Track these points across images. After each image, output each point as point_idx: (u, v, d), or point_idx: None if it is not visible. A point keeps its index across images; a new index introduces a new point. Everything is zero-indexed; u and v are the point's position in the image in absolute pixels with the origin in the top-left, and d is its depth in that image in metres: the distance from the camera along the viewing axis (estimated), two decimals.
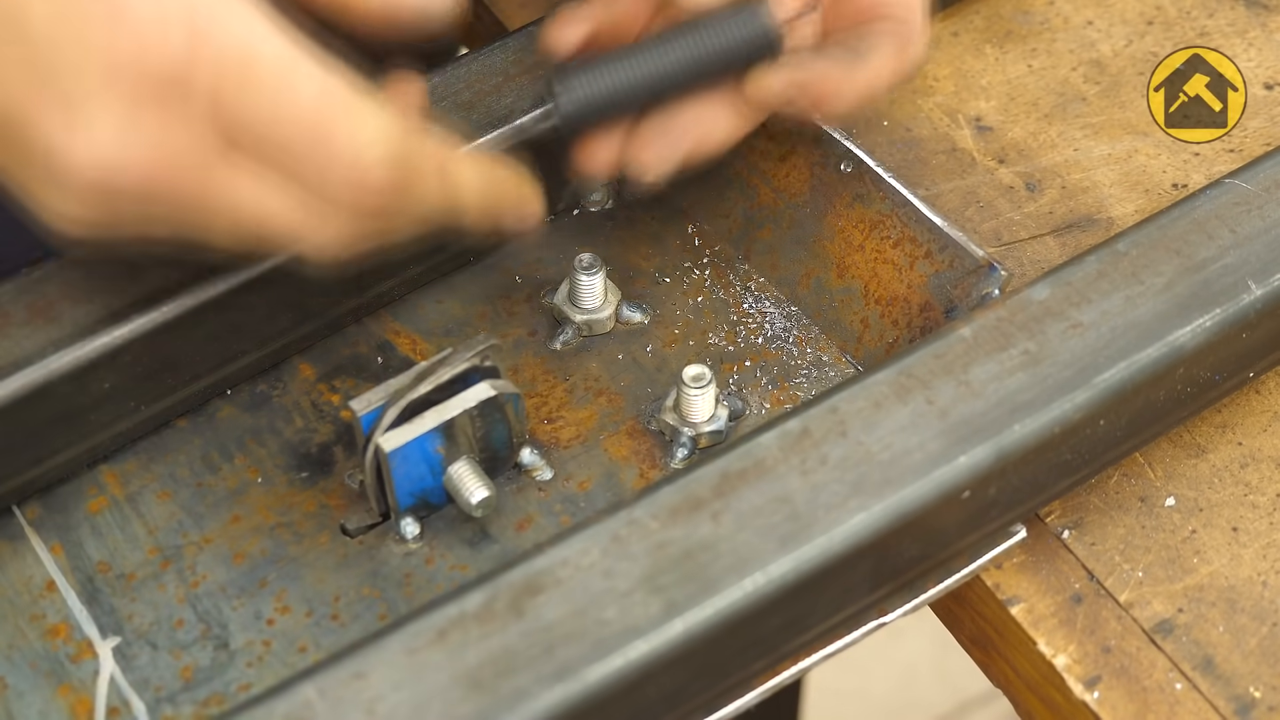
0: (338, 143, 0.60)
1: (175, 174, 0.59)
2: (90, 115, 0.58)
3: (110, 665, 0.68)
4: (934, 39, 0.89)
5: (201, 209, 0.60)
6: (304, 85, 0.59)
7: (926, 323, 0.75)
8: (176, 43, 0.58)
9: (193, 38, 0.58)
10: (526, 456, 0.74)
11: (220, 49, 0.58)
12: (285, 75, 0.59)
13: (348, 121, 0.60)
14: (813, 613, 0.66)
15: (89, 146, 0.58)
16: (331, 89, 0.60)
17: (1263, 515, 0.73)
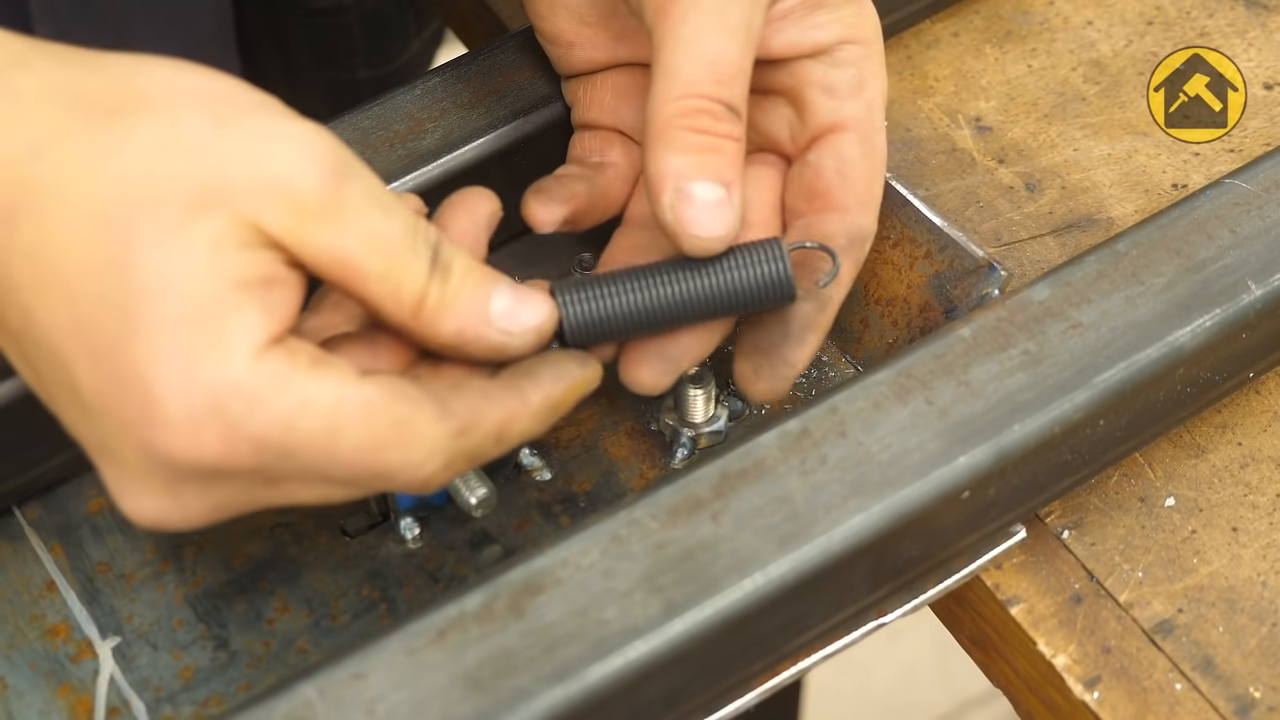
0: (395, 475, 0.60)
1: (231, 512, 0.60)
2: (135, 484, 0.58)
3: (110, 665, 0.68)
4: (934, 39, 0.89)
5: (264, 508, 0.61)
6: (349, 434, 0.58)
7: (926, 323, 0.75)
8: (210, 441, 0.57)
9: (226, 432, 0.57)
10: (526, 456, 0.74)
11: (257, 435, 0.57)
12: (328, 433, 0.58)
13: (400, 452, 0.59)
14: (812, 613, 0.66)
15: (138, 508, 0.59)
16: (378, 424, 0.58)
17: (1263, 515, 0.73)
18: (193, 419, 0.56)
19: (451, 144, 0.76)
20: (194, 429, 0.56)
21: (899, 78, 0.87)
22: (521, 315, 0.62)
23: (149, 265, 0.56)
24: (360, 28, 1.12)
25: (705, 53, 0.65)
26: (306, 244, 0.58)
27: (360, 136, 0.77)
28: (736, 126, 0.65)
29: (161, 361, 0.56)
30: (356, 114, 0.77)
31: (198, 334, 0.56)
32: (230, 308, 0.56)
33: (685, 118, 0.64)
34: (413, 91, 0.78)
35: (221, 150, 0.57)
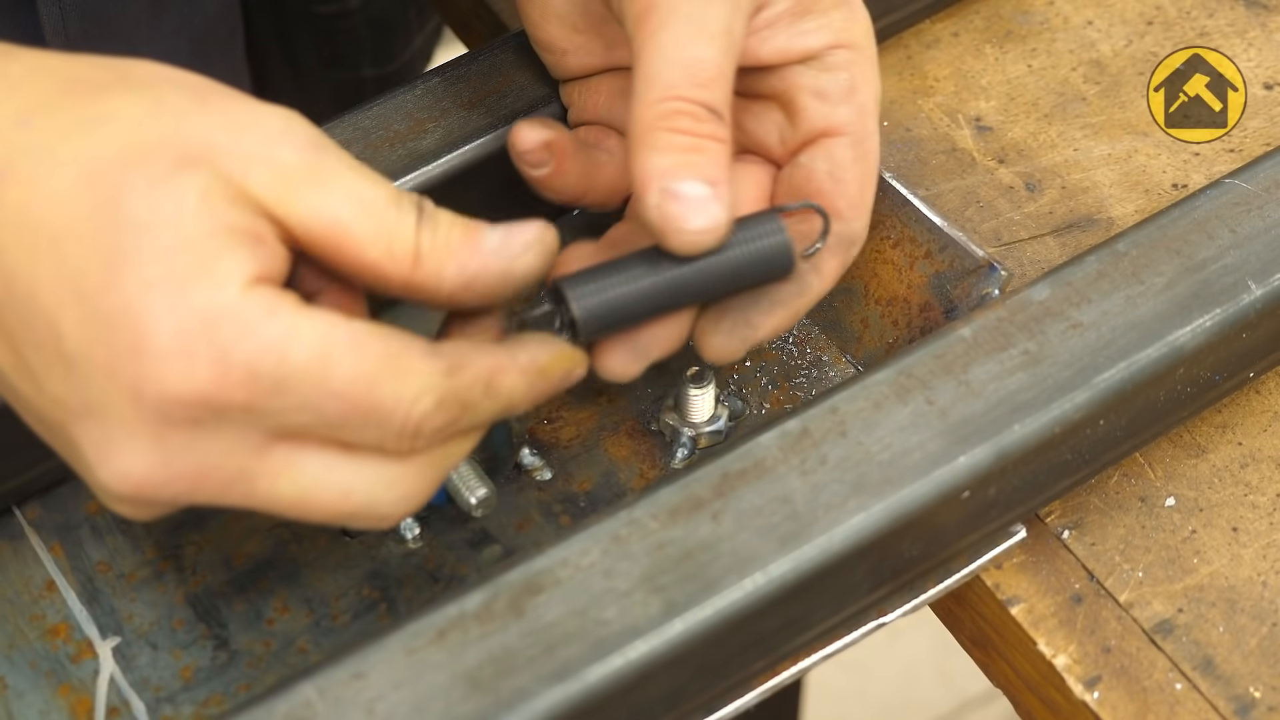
0: (386, 408, 0.58)
1: (215, 483, 0.59)
2: (121, 441, 0.57)
3: (110, 665, 0.68)
4: (934, 39, 0.89)
5: (250, 503, 0.60)
6: (341, 364, 0.58)
7: (926, 323, 0.75)
8: (202, 370, 0.56)
9: (219, 360, 0.56)
10: (526, 456, 0.74)
11: (250, 361, 0.57)
12: (320, 365, 0.57)
13: (391, 385, 0.58)
14: (813, 613, 0.66)
15: (122, 470, 0.57)
16: (368, 355, 0.58)
17: (1263, 515, 0.73)
18: (185, 346, 0.56)
19: (451, 144, 0.76)
20: (187, 356, 0.56)
21: (899, 78, 0.87)
22: (517, 234, 0.62)
23: (138, 205, 0.56)
24: (366, 29, 1.12)
25: (683, 57, 0.65)
26: (294, 209, 0.58)
27: (360, 136, 0.77)
28: (720, 128, 0.65)
29: (151, 292, 0.56)
30: (357, 114, 0.77)
31: (188, 264, 0.56)
32: (221, 245, 0.57)
33: (666, 120, 0.64)
34: (413, 91, 0.78)
35: (206, 120, 0.58)
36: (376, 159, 0.76)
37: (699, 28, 0.65)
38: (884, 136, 0.84)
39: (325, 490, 0.60)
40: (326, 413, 0.58)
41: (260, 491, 0.59)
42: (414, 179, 0.75)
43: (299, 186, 0.59)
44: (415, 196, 0.61)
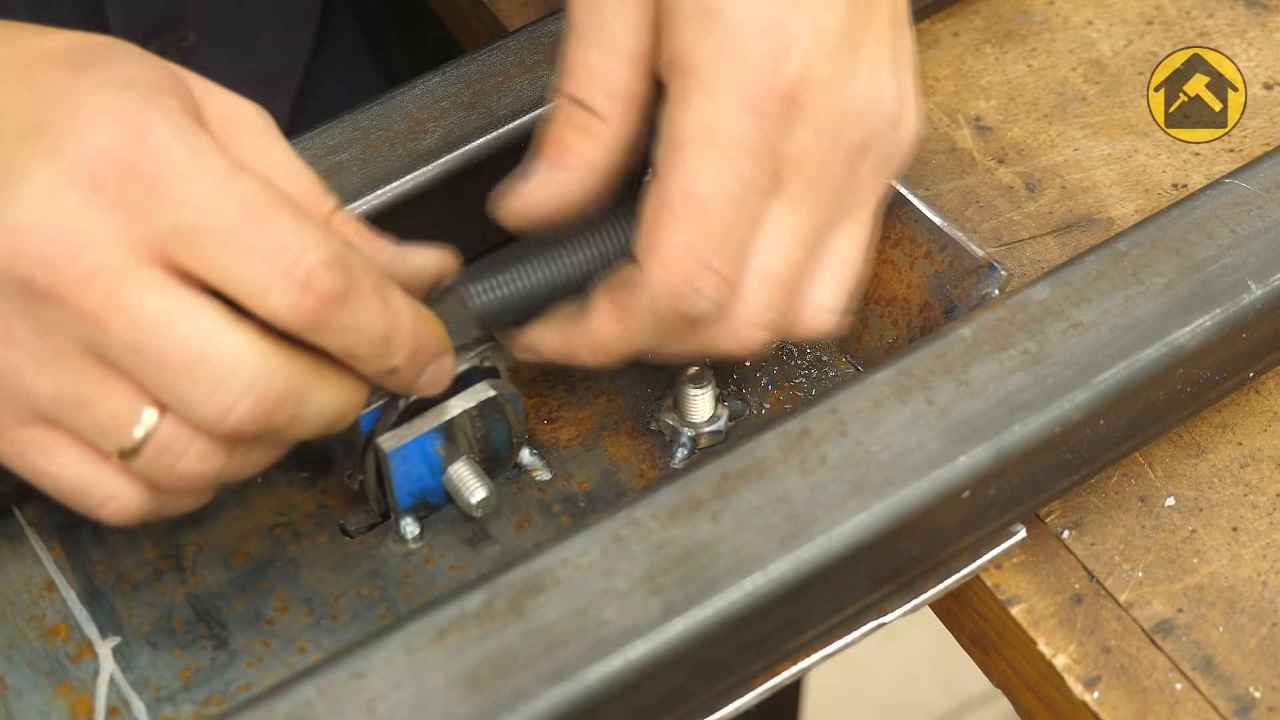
0: (281, 237, 0.58)
1: (85, 268, 0.58)
2: (19, 188, 0.58)
3: (110, 665, 0.68)
4: (934, 39, 0.89)
5: (106, 306, 0.58)
6: (248, 184, 0.59)
7: (926, 323, 0.75)
8: (123, 130, 0.58)
9: (141, 129, 0.58)
10: (526, 456, 0.74)
11: (168, 138, 0.58)
12: (230, 174, 0.59)
13: (292, 220, 0.59)
14: (813, 613, 0.66)
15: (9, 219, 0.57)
16: (275, 193, 0.59)
17: (1263, 515, 0.73)
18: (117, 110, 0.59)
19: (451, 144, 0.76)
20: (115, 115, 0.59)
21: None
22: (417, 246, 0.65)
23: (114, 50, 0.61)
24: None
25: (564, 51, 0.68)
26: (235, 144, 0.61)
27: (360, 136, 0.77)
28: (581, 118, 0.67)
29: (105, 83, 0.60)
30: (357, 114, 0.78)
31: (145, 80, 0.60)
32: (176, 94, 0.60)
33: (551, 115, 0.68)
34: (412, 91, 0.78)
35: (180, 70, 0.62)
36: (376, 159, 0.76)
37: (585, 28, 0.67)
38: None
39: (190, 323, 0.58)
40: (223, 217, 0.58)
41: (125, 295, 0.58)
42: (414, 179, 0.75)
43: (245, 132, 0.62)
44: None
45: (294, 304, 0.59)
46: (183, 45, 0.94)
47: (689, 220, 0.64)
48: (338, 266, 0.59)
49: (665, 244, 0.64)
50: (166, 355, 0.58)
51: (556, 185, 0.67)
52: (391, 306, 0.62)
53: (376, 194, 0.75)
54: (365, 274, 0.61)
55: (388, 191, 0.75)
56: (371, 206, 0.75)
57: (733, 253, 0.65)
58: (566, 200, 0.67)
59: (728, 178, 0.64)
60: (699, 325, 0.66)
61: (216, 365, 0.59)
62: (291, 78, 1.03)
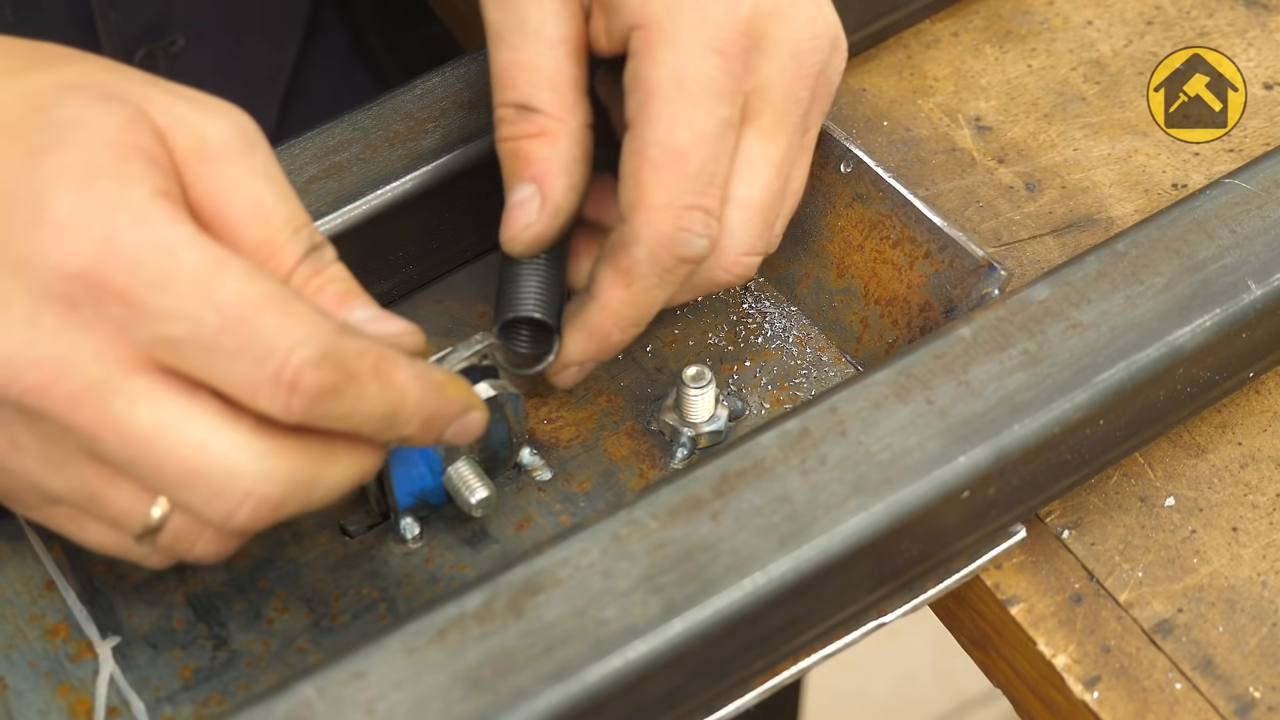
0: (266, 340, 0.56)
1: (73, 389, 0.57)
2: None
3: (110, 665, 0.68)
4: (934, 39, 0.89)
5: (98, 424, 0.57)
6: (227, 283, 0.57)
7: (926, 323, 0.75)
8: (90, 244, 0.56)
9: (108, 240, 0.56)
10: (526, 456, 0.74)
11: (137, 250, 0.56)
12: (207, 274, 0.56)
13: (276, 319, 0.57)
14: (812, 613, 0.66)
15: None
16: (257, 287, 0.57)
17: (1263, 515, 0.73)
18: (80, 221, 0.56)
19: (451, 144, 0.76)
20: (79, 230, 0.56)
21: (899, 77, 0.87)
22: (388, 322, 0.62)
23: (67, 110, 0.58)
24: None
25: (494, 63, 0.68)
26: (198, 182, 0.59)
27: (360, 136, 0.77)
28: (531, 123, 0.67)
29: (61, 175, 0.57)
30: (356, 114, 0.78)
31: (103, 160, 0.57)
32: (137, 156, 0.57)
33: (497, 129, 0.69)
34: (412, 91, 0.78)
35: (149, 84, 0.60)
36: (376, 159, 0.76)
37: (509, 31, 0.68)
38: (884, 136, 0.84)
39: (182, 434, 0.57)
40: (203, 327, 0.56)
41: (114, 411, 0.57)
42: (413, 179, 0.75)
43: (212, 164, 0.59)
44: (319, 237, 0.61)
45: (284, 405, 0.57)
46: (171, 50, 0.94)
47: (670, 169, 0.66)
48: (326, 362, 0.57)
49: (651, 195, 0.66)
50: (162, 468, 0.58)
51: (549, 202, 0.69)
52: (394, 384, 0.60)
53: (376, 194, 0.75)
54: (360, 358, 0.59)
55: (388, 191, 0.75)
56: (371, 206, 0.75)
57: (715, 189, 0.67)
58: (565, 209, 0.69)
59: (702, 122, 0.66)
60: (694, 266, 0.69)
61: (213, 475, 0.58)
62: (279, 80, 1.03)
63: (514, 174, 0.69)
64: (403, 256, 0.77)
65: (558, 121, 0.68)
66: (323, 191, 0.75)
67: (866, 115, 0.85)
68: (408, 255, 0.77)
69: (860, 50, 0.87)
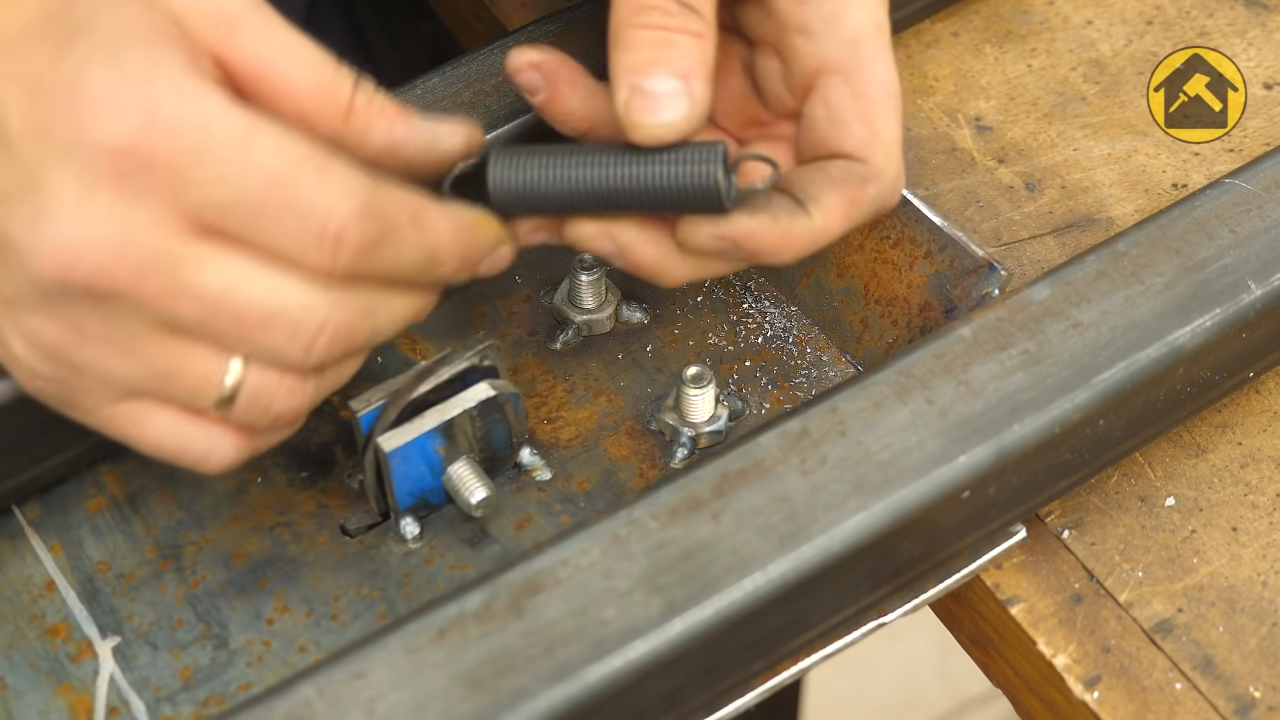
0: (306, 199, 0.59)
1: (137, 261, 0.58)
2: (49, 200, 0.57)
3: (110, 665, 0.68)
4: (934, 39, 0.89)
5: (171, 290, 0.59)
6: (264, 148, 0.58)
7: (926, 323, 0.75)
8: (131, 117, 0.57)
9: (148, 112, 0.57)
10: (526, 456, 0.74)
11: (176, 120, 0.58)
12: (244, 140, 0.58)
13: (314, 178, 0.59)
14: (813, 613, 0.66)
15: (49, 234, 0.57)
16: (293, 150, 0.59)
17: (1263, 515, 0.73)
18: (117, 97, 0.57)
19: None
20: (117, 106, 0.57)
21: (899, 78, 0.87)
22: (445, 119, 0.65)
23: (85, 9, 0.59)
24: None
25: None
26: (234, 50, 0.60)
27: None
28: (692, 20, 0.66)
29: (93, 59, 0.58)
30: None
31: (131, 41, 0.58)
32: (164, 38, 0.59)
33: (637, 15, 0.66)
34: (413, 91, 0.78)
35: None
36: None
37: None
38: None
39: (253, 283, 0.59)
40: (247, 191, 0.58)
41: (182, 276, 0.59)
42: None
43: (240, 29, 0.60)
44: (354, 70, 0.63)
45: (331, 260, 0.59)
46: None
47: (892, 107, 0.69)
48: (367, 216, 0.60)
49: (885, 135, 0.68)
50: (240, 318, 0.60)
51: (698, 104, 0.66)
52: (430, 229, 0.62)
53: None
54: (398, 208, 0.61)
55: None
56: None
57: None
58: (704, 116, 0.67)
59: (893, 64, 0.69)
60: None
61: (288, 313, 0.60)
62: None
63: (656, 62, 0.66)
64: None
65: (711, 28, 0.67)
66: None
67: None
68: None
69: None
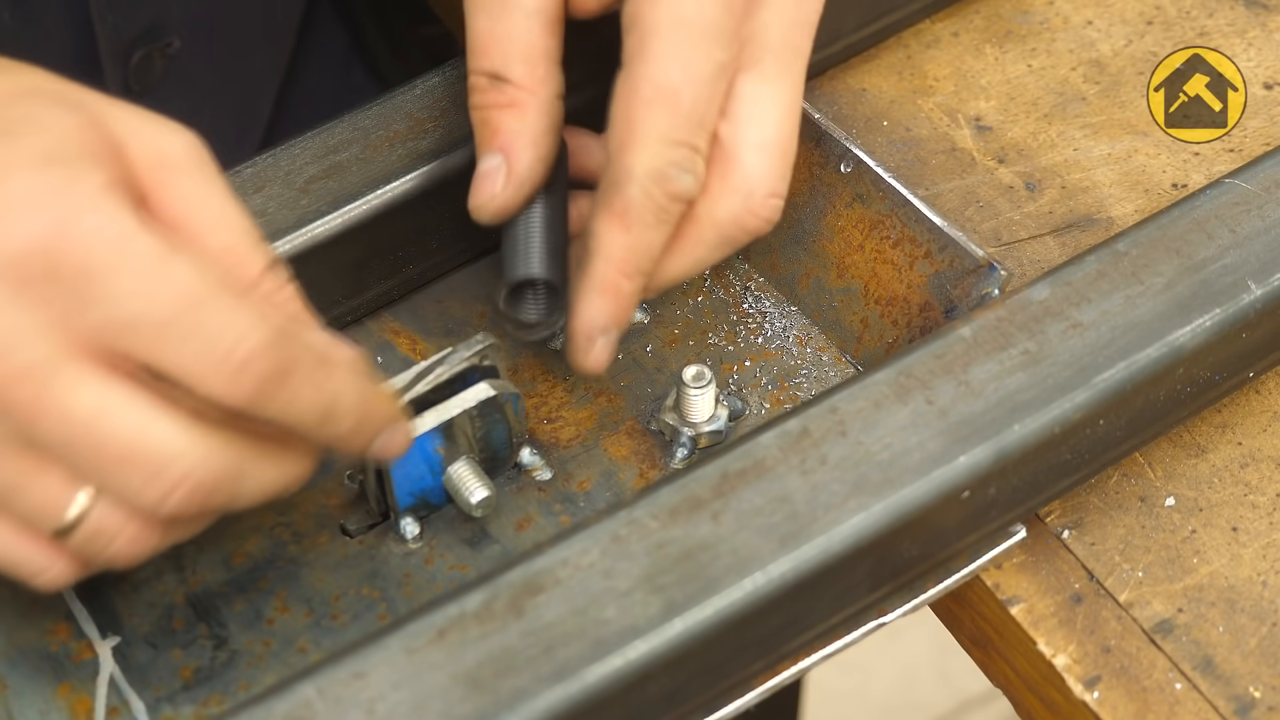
0: (217, 322, 0.57)
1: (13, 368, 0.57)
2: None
3: (110, 665, 0.68)
4: (934, 39, 0.89)
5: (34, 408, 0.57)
6: (180, 268, 0.57)
7: (926, 323, 0.75)
8: (46, 222, 0.56)
9: (65, 220, 0.56)
10: (526, 456, 0.74)
11: (93, 230, 0.57)
12: (160, 259, 0.57)
13: (227, 304, 0.58)
14: (812, 613, 0.66)
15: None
16: (208, 276, 0.58)
17: (1263, 515, 0.73)
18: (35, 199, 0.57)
19: (452, 144, 0.76)
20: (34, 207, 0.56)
21: (899, 78, 0.87)
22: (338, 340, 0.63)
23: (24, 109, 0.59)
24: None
25: (469, 29, 0.69)
26: (163, 191, 0.60)
27: (360, 136, 0.77)
28: (503, 92, 0.68)
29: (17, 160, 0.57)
30: (357, 114, 0.77)
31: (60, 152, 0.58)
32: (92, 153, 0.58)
33: (469, 98, 0.70)
34: (412, 91, 0.78)
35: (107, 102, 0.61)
36: (376, 159, 0.76)
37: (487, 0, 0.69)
38: (884, 136, 0.84)
39: (125, 415, 0.58)
40: (156, 308, 0.57)
41: (53, 394, 0.57)
42: (414, 179, 0.75)
43: (175, 175, 0.60)
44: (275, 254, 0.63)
45: (232, 387, 0.58)
46: (168, 51, 0.94)
47: (662, 107, 0.66)
48: (276, 347, 0.58)
49: (641, 131, 0.67)
50: (101, 448, 0.58)
51: (516, 172, 0.70)
52: (334, 378, 0.61)
53: (376, 194, 0.75)
54: (306, 349, 0.60)
55: (388, 191, 0.75)
56: (371, 206, 0.75)
57: (705, 130, 0.68)
58: (530, 180, 0.70)
59: (699, 63, 0.67)
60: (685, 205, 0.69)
61: (152, 455, 0.58)
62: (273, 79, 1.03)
63: (483, 143, 0.70)
64: (403, 256, 0.77)
65: (528, 93, 0.69)
66: (323, 191, 0.75)
67: (866, 115, 0.85)
68: (408, 255, 0.77)
69: (860, 50, 0.87)
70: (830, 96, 0.86)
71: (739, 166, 0.69)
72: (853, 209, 0.78)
